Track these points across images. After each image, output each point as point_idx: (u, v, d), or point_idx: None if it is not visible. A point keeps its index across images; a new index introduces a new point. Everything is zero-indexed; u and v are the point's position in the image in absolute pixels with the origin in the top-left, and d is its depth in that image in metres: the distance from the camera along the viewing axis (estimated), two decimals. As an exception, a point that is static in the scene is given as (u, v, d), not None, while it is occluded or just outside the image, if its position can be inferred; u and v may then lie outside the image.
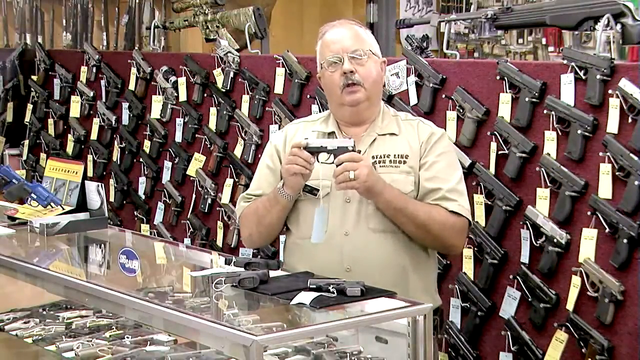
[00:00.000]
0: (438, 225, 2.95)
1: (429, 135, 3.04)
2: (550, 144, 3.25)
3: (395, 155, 3.00)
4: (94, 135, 5.32)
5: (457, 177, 3.02)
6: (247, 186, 4.33)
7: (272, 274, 2.79)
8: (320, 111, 4.01)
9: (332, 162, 2.88)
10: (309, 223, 2.97)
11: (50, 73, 5.67)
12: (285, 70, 4.23)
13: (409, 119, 3.12)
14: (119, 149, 5.15)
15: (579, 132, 3.14)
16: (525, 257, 3.33)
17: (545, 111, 3.26)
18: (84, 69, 5.39)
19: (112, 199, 5.15)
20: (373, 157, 2.99)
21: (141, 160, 5.00)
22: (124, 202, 5.15)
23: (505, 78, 3.39)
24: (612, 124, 3.05)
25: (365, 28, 3.10)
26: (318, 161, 2.91)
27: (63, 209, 3.64)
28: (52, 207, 3.67)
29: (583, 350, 3.12)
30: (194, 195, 4.68)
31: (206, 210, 4.59)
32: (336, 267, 2.91)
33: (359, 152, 2.95)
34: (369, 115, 3.05)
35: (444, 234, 2.97)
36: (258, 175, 3.19)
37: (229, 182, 4.47)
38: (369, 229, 2.96)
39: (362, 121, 3.05)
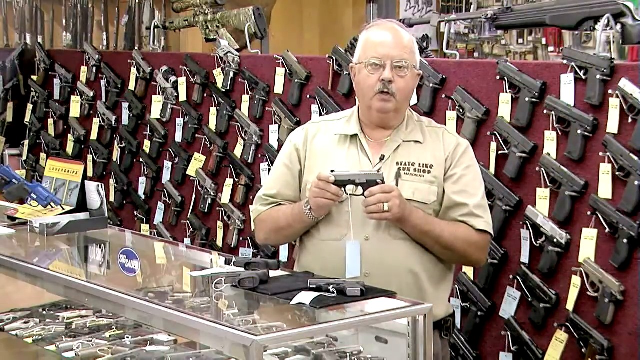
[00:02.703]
0: (463, 245, 2.97)
1: (455, 146, 3.03)
2: (550, 144, 3.25)
3: (420, 164, 3.00)
4: (94, 135, 5.32)
5: (482, 191, 3.04)
6: (247, 186, 4.35)
7: (272, 274, 2.79)
8: (320, 112, 4.01)
9: (361, 194, 2.88)
10: (331, 225, 2.97)
11: (50, 73, 5.67)
12: (285, 70, 4.22)
13: (433, 126, 3.10)
14: (119, 149, 5.15)
15: (579, 132, 3.14)
16: (525, 257, 3.33)
17: (545, 111, 3.26)
18: (84, 69, 5.40)
19: (112, 199, 5.15)
20: (397, 163, 2.99)
21: (141, 160, 5.00)
22: (124, 202, 5.15)
23: (505, 78, 3.39)
24: (612, 124, 3.05)
25: (412, 35, 3.07)
26: (346, 193, 2.90)
27: (63, 209, 3.64)
28: (52, 207, 3.67)
29: (583, 350, 3.12)
30: (194, 195, 4.68)
31: (206, 210, 4.59)
32: None
33: (383, 157, 2.97)
34: (395, 123, 3.04)
35: (468, 252, 3.00)
36: (275, 174, 3.14)
37: (229, 182, 4.47)
38: (389, 235, 2.95)
39: (388, 127, 3.05)
